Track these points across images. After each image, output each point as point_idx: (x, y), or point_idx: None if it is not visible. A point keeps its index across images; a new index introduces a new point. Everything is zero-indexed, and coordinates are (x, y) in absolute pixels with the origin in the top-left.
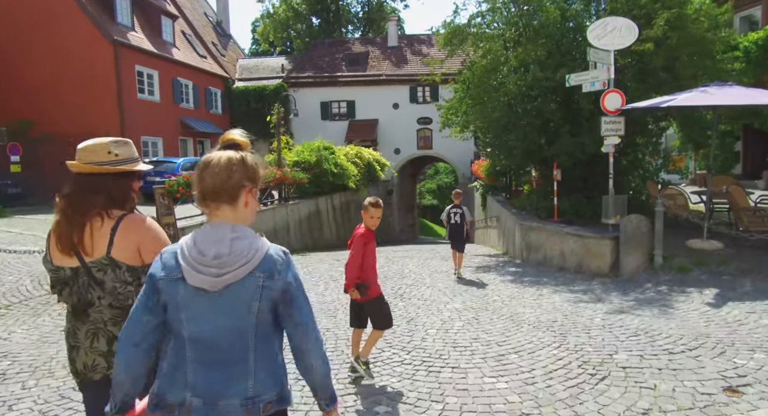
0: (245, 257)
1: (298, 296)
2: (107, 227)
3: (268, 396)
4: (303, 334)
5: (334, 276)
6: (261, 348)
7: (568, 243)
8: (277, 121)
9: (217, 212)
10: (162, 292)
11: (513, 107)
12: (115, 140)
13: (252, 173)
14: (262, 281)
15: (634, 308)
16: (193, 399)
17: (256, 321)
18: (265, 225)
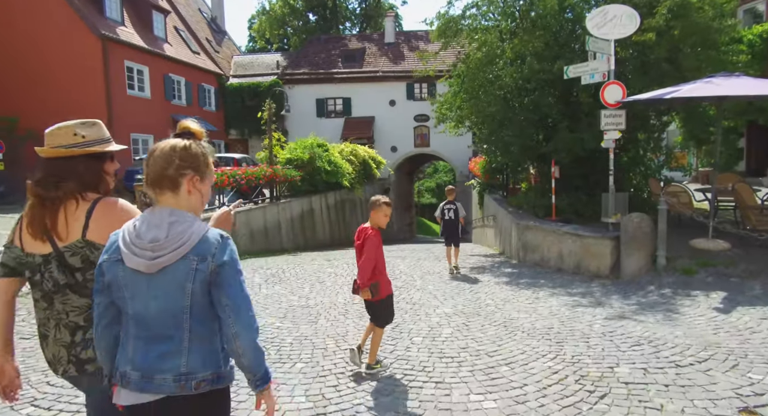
0: (180, 240)
1: (230, 280)
2: (82, 210)
3: (202, 375)
4: (230, 317)
5: (321, 278)
6: (196, 328)
7: (567, 243)
8: (268, 117)
9: (161, 199)
10: (105, 273)
11: (509, 101)
12: (82, 121)
13: (195, 161)
14: (195, 264)
15: (636, 313)
16: (132, 372)
17: (191, 302)
18: (256, 224)
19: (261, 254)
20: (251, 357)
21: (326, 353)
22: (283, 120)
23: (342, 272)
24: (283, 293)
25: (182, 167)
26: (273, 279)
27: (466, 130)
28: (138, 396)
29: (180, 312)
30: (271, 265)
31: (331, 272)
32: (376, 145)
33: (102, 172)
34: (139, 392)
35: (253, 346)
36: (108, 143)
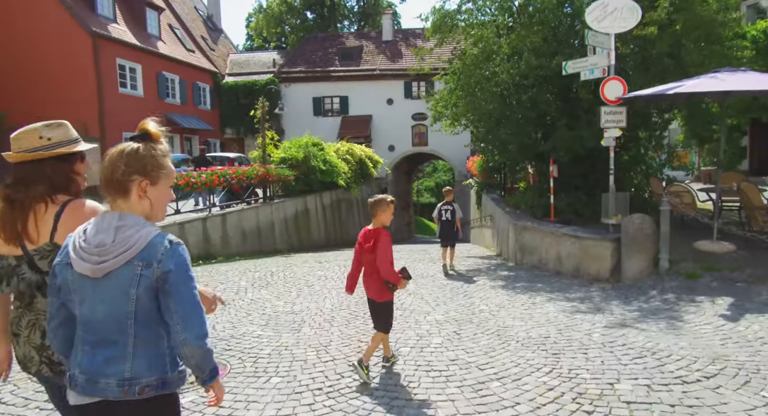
0: (125, 245)
1: (178, 287)
2: (51, 213)
3: (147, 380)
4: (179, 325)
5: (310, 281)
6: (141, 334)
7: (565, 245)
8: (261, 116)
9: (113, 204)
10: (57, 276)
11: (506, 98)
12: (47, 123)
13: (143, 165)
14: (140, 270)
15: (638, 320)
16: (79, 376)
17: (135, 308)
18: (248, 224)
19: (253, 255)
20: (200, 360)
21: (305, 366)
22: (279, 119)
23: (332, 275)
24: (269, 298)
25: (129, 172)
26: (260, 283)
27: (462, 128)
28: (83, 398)
29: (124, 318)
30: (261, 267)
31: (321, 276)
32: (373, 144)
33: (71, 173)
34: (84, 395)
35: (202, 351)
36: (75, 143)
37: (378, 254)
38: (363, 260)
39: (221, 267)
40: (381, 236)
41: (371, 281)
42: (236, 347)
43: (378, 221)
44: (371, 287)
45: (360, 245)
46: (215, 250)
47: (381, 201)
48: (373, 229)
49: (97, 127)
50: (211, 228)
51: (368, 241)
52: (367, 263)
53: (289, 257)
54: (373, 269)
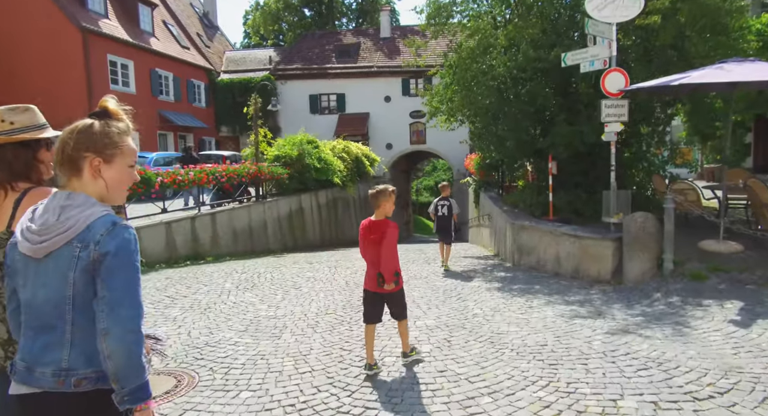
0: (66, 225)
1: (113, 271)
2: (10, 200)
3: (84, 372)
4: (103, 311)
5: (297, 283)
6: (80, 321)
7: (564, 245)
8: (254, 112)
9: (67, 184)
10: (7, 257)
11: (503, 92)
12: (12, 107)
13: (95, 142)
14: (78, 251)
15: (642, 326)
16: (19, 363)
17: (73, 292)
18: (240, 224)
19: (244, 255)
20: (120, 362)
21: (280, 378)
22: (275, 116)
23: (321, 276)
24: (252, 301)
25: (79, 148)
26: (245, 285)
27: (459, 124)
28: (21, 387)
29: (62, 302)
30: (249, 268)
31: (310, 277)
32: (370, 142)
33: (34, 160)
34: (21, 384)
35: (124, 349)
36: (41, 129)
37: (384, 246)
38: (369, 253)
39: (208, 268)
40: (389, 229)
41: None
42: (209, 356)
43: (381, 211)
44: (375, 278)
45: (365, 237)
46: (204, 250)
47: (383, 191)
48: (379, 220)
49: None
50: (200, 228)
51: (373, 233)
52: (372, 255)
53: (281, 258)
54: (377, 260)
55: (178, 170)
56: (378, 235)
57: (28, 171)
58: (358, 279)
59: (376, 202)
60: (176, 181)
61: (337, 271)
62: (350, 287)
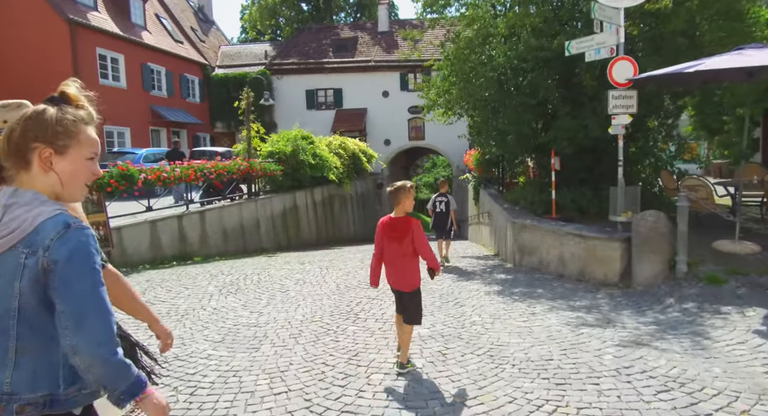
0: (10, 227)
1: (70, 281)
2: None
3: (29, 397)
4: (67, 327)
5: (285, 286)
6: (26, 336)
7: (569, 245)
8: (246, 107)
9: (16, 178)
10: None
11: (503, 83)
12: (4, 103)
13: (45, 130)
14: (24, 258)
15: (657, 337)
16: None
17: (19, 304)
18: (230, 222)
19: (235, 255)
20: (99, 374)
21: (252, 400)
22: (271, 112)
23: (311, 278)
24: (234, 306)
25: (27, 137)
26: (229, 288)
27: (457, 118)
28: None
29: (5, 316)
30: (236, 270)
31: (299, 279)
32: (368, 138)
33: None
34: None
35: (99, 363)
36: None
37: (419, 243)
38: (389, 250)
39: (193, 269)
40: (415, 225)
41: (399, 272)
42: (177, 372)
43: (402, 208)
44: (399, 277)
45: (386, 236)
46: (192, 250)
47: (402, 188)
48: (400, 218)
49: None
50: (188, 227)
51: (395, 230)
52: (395, 254)
53: (272, 258)
54: (401, 259)
55: (163, 167)
56: (400, 233)
57: None
58: (350, 282)
59: (396, 199)
60: (161, 178)
61: (329, 272)
62: (340, 291)
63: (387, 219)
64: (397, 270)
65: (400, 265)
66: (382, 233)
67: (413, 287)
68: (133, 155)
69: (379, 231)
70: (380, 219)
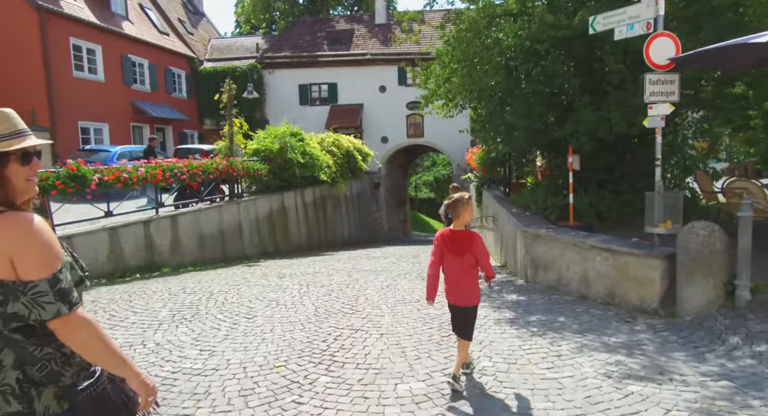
0: None
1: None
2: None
3: None
4: None
5: (253, 310)
6: None
7: (594, 261)
8: (228, 101)
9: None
10: None
11: (512, 70)
12: None
13: None
14: None
15: (736, 401)
16: None
17: None
18: (208, 227)
19: (212, 263)
20: None
21: None
22: (262, 108)
23: (287, 299)
24: (183, 342)
25: None
26: (185, 313)
27: (458, 110)
28: None
29: None
30: (202, 286)
31: (273, 300)
32: (364, 135)
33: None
34: None
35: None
36: (15, 138)
37: (482, 258)
38: (449, 264)
39: (154, 285)
40: (477, 240)
41: (459, 287)
42: None
43: (461, 221)
44: (458, 293)
45: (446, 249)
46: (162, 259)
47: (461, 200)
48: (462, 231)
49: (46, 115)
50: (156, 233)
51: (456, 244)
52: (455, 268)
53: (252, 267)
54: (461, 274)
55: (124, 166)
56: (462, 247)
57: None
58: (332, 304)
59: (455, 211)
60: (120, 179)
61: (309, 291)
62: (318, 318)
63: (447, 232)
64: (455, 285)
65: (460, 280)
66: (442, 246)
67: (472, 303)
68: (106, 153)
69: (439, 244)
70: (439, 231)
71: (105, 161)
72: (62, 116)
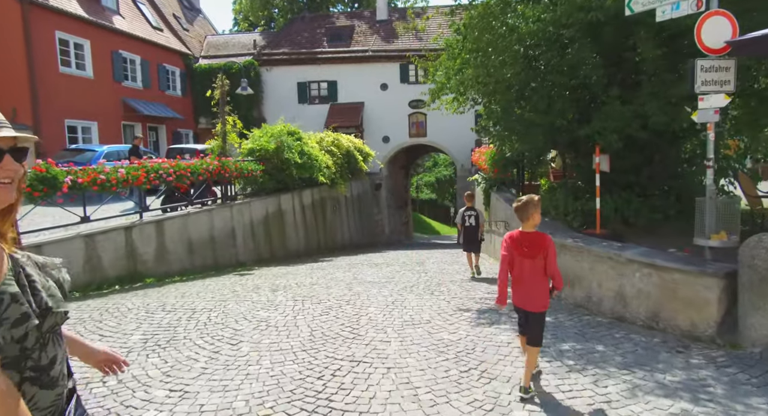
0: None
1: None
2: None
3: None
4: None
5: (238, 334)
6: None
7: (632, 277)
8: (220, 97)
9: None
10: None
11: (531, 59)
12: None
13: None
14: None
15: None
16: None
17: None
18: (198, 233)
19: (201, 272)
20: None
21: None
22: (259, 106)
23: (278, 319)
24: (150, 378)
25: None
26: (160, 337)
27: (470, 105)
28: None
29: None
30: (186, 301)
31: (262, 321)
32: (365, 134)
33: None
34: None
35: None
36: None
37: (551, 262)
38: (519, 267)
39: (130, 301)
40: (549, 242)
41: (528, 290)
42: None
43: (531, 223)
44: (530, 298)
45: (517, 252)
46: (146, 268)
47: (531, 202)
48: (533, 233)
49: (29, 112)
50: (139, 240)
51: (527, 247)
52: (526, 271)
53: (244, 276)
54: (532, 277)
55: (102, 167)
56: (534, 250)
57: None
58: (331, 326)
59: (526, 213)
60: (96, 181)
61: (304, 308)
62: (314, 344)
63: (517, 234)
64: (526, 289)
65: (530, 283)
66: (512, 248)
67: (542, 307)
68: (92, 152)
69: (508, 246)
70: (508, 233)
71: (91, 160)
72: (47, 113)
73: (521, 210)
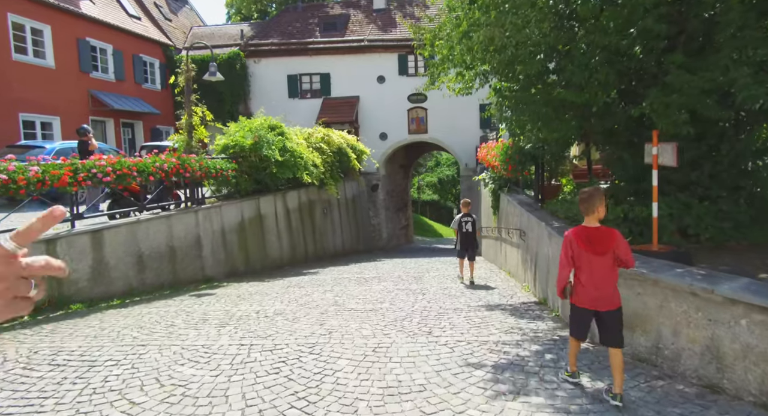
0: None
1: None
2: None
3: None
4: None
5: (176, 405)
6: None
7: (734, 326)
8: (185, 84)
9: None
10: None
11: (564, 17)
12: None
13: None
14: None
15: None
16: None
17: None
18: (152, 243)
19: (153, 292)
20: None
21: None
22: (245, 100)
23: (205, 386)
24: None
25: None
26: None
27: (480, 83)
28: None
29: None
30: (90, 346)
31: (184, 382)
32: (360, 131)
33: None
34: None
35: None
36: None
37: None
38: (590, 266)
39: (13, 346)
40: (618, 236)
41: (602, 289)
42: None
43: (596, 216)
44: (604, 297)
45: (583, 249)
46: (75, 291)
47: (596, 194)
48: (600, 228)
49: None
50: (67, 255)
51: (598, 244)
52: (599, 269)
53: (201, 298)
54: (605, 274)
55: (5, 165)
56: (604, 246)
57: None
58: (277, 393)
59: (592, 206)
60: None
61: (248, 359)
62: None
63: (581, 231)
64: (599, 287)
65: (602, 281)
66: (579, 247)
67: (619, 303)
68: (41, 149)
69: (574, 245)
70: (570, 230)
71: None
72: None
73: (587, 203)
